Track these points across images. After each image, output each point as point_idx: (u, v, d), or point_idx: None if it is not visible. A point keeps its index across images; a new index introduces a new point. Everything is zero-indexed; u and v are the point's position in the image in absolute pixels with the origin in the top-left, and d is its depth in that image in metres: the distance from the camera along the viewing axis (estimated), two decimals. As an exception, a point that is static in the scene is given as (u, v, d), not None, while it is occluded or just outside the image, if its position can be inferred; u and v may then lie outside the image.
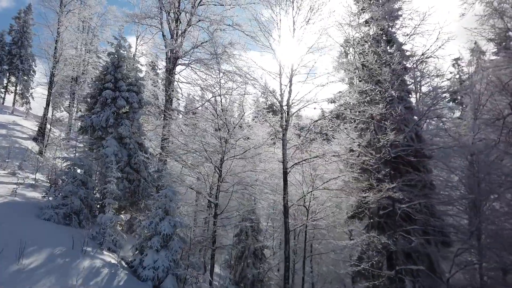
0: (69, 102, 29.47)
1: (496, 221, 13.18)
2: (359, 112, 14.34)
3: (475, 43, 17.63)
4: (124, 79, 17.56)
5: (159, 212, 11.43)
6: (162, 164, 18.52)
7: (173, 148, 20.43)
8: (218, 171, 14.83)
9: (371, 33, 16.45)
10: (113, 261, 11.10)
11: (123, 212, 16.83)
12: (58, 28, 24.77)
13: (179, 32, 20.72)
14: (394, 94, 15.09)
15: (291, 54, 15.01)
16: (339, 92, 14.89)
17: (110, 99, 16.67)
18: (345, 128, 14.64)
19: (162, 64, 47.47)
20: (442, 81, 15.78)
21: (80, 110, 29.65)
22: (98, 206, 14.34)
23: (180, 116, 18.58)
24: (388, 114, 14.23)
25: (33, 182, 16.10)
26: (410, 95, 16.57)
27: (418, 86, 15.82)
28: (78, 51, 28.81)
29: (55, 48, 24.68)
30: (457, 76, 35.43)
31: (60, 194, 12.79)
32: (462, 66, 34.90)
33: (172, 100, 20.52)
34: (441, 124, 16.06)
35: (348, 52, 14.32)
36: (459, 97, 27.69)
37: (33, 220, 11.33)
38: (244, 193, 15.62)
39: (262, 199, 16.82)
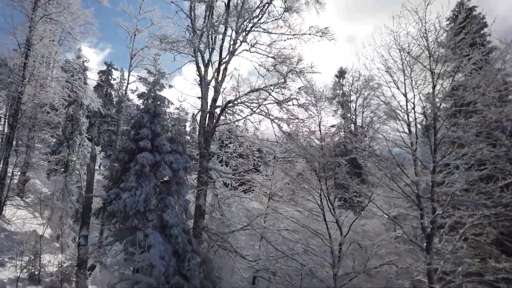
0: (28, 134, 21.81)
1: None
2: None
3: None
4: (163, 132, 12.02)
5: None
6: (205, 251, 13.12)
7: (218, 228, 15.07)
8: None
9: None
10: None
11: None
12: (29, 38, 17.71)
13: (222, 66, 15.57)
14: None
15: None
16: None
17: (149, 167, 10.96)
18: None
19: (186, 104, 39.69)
20: None
21: (50, 144, 22.12)
22: None
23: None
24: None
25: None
26: None
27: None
28: (47, 67, 21.62)
29: (24, 65, 17.50)
30: None
31: None
32: None
33: (210, 158, 15.05)
34: None
35: None
36: None
37: None
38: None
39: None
